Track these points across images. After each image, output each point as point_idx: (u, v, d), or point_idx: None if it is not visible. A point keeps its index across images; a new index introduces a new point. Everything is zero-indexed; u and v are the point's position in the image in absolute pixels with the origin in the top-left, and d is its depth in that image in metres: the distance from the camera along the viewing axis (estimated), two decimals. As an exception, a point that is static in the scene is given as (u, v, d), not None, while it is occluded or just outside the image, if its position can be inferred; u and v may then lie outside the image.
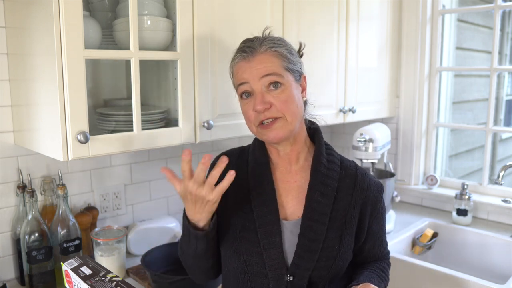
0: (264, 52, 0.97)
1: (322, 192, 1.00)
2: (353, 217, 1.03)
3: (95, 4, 1.33)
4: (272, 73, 0.96)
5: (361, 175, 1.06)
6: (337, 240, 0.99)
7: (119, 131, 1.20)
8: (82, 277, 0.87)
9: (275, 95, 0.96)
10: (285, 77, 0.97)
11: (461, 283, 1.52)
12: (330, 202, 1.00)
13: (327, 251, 0.98)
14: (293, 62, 1.00)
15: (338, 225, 1.00)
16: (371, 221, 1.07)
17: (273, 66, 0.96)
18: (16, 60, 1.28)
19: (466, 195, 1.99)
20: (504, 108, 3.09)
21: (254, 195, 1.02)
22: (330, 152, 1.07)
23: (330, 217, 1.00)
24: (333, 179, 1.02)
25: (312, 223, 0.98)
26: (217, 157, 1.02)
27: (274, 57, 0.97)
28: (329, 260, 0.99)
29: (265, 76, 0.96)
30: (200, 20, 1.31)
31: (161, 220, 1.68)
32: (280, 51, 0.98)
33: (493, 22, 2.04)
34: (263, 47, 0.97)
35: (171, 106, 1.36)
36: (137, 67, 1.19)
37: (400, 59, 2.25)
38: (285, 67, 0.98)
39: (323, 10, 1.75)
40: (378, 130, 1.99)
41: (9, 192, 1.36)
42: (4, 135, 1.33)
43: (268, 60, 0.96)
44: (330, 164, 1.04)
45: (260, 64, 0.96)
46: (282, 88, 0.97)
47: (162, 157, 1.73)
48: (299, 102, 1.00)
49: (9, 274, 1.39)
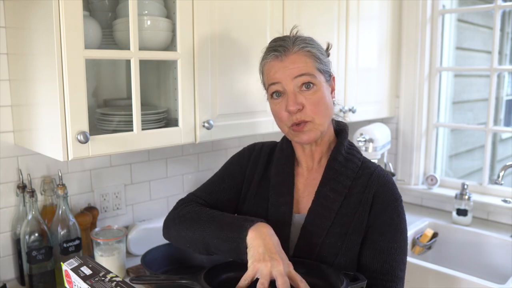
0: (297, 52, 0.96)
1: (333, 187, 1.00)
2: (363, 215, 0.99)
3: (95, 4, 1.33)
4: (306, 73, 0.95)
5: (377, 174, 1.02)
6: (341, 237, 0.98)
7: (119, 131, 1.20)
8: (82, 277, 0.87)
9: (307, 96, 0.96)
10: (318, 77, 0.97)
11: (461, 283, 1.52)
12: (340, 198, 0.99)
13: (329, 246, 0.97)
14: (324, 63, 1.00)
15: (345, 222, 0.98)
16: (372, 229, 0.99)
17: (307, 66, 0.96)
18: (16, 60, 1.27)
19: (466, 195, 1.99)
20: (504, 108, 3.08)
21: (273, 185, 1.04)
22: (352, 152, 1.05)
23: (338, 213, 0.98)
24: (346, 177, 1.01)
25: (316, 217, 0.98)
26: (252, 145, 1.11)
27: (307, 57, 0.97)
28: (330, 256, 0.97)
29: (299, 77, 0.95)
30: (200, 20, 1.31)
31: (161, 220, 1.65)
32: (313, 51, 0.98)
33: (493, 22, 2.04)
34: (296, 46, 0.96)
35: (171, 106, 1.36)
36: (137, 67, 1.19)
37: (400, 59, 2.25)
38: (318, 67, 0.98)
39: (323, 10, 1.75)
40: (378, 130, 2.00)
41: (9, 192, 1.36)
42: (4, 135, 1.33)
43: (302, 60, 0.96)
44: (348, 162, 1.03)
45: (293, 64, 0.96)
46: (314, 89, 0.97)
47: (162, 157, 1.73)
48: (329, 103, 1.01)
49: (9, 274, 1.39)
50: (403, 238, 0.99)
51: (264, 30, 1.50)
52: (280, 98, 0.98)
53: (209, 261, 1.36)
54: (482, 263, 1.91)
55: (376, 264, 0.97)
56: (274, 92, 0.99)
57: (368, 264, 0.98)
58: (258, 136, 1.57)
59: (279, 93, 0.98)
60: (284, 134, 1.04)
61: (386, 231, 0.98)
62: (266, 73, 1.00)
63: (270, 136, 2.08)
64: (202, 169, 1.87)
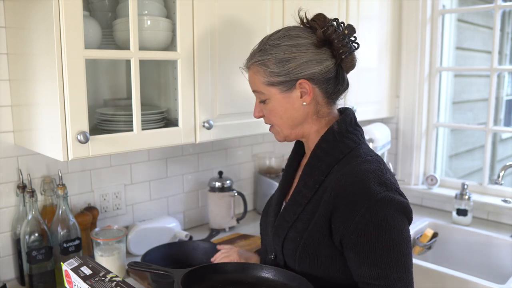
0: (251, 68, 1.05)
1: (306, 182, 1.03)
2: (323, 212, 0.95)
3: (95, 4, 1.33)
4: (255, 90, 1.06)
5: (348, 171, 0.95)
6: (301, 233, 1.00)
7: (119, 131, 1.20)
8: (82, 277, 0.87)
9: (262, 107, 1.07)
10: (267, 92, 1.03)
11: (461, 283, 1.52)
12: (310, 193, 1.01)
13: (290, 240, 1.02)
14: (278, 74, 0.99)
15: (308, 218, 0.99)
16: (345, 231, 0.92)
17: (256, 83, 1.04)
18: (16, 60, 1.28)
19: (466, 195, 1.99)
20: (504, 108, 3.08)
21: (281, 178, 1.17)
22: (337, 145, 1.00)
23: (305, 208, 1.01)
24: (320, 172, 0.99)
25: (287, 211, 1.05)
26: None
27: (256, 73, 1.03)
28: (291, 250, 1.02)
29: (254, 91, 1.07)
30: (200, 20, 1.31)
31: (161, 220, 1.67)
32: (264, 64, 1.00)
33: (493, 22, 2.04)
34: (252, 61, 1.05)
35: (171, 106, 1.36)
36: (137, 67, 1.19)
37: (400, 59, 2.25)
38: (267, 82, 1.02)
39: (323, 10, 1.74)
40: (378, 130, 2.00)
41: (9, 192, 1.36)
42: (4, 135, 1.33)
43: (252, 78, 1.05)
44: (327, 156, 1.00)
45: (250, 79, 1.07)
46: (267, 101, 1.04)
47: (162, 157, 1.73)
48: (285, 113, 1.03)
49: (9, 274, 1.39)
50: (390, 237, 0.90)
51: (264, 30, 1.50)
52: None
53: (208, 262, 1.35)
54: (482, 263, 1.91)
55: (363, 268, 0.91)
56: None
57: (357, 269, 0.93)
58: (258, 136, 1.57)
59: None
60: None
61: (364, 232, 0.90)
62: None
63: (270, 136, 2.08)
64: (202, 169, 1.87)
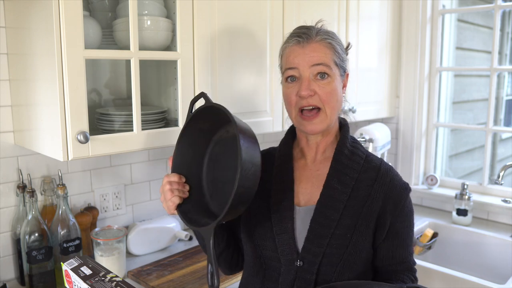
0: (319, 42, 0.99)
1: (340, 180, 1.01)
2: (372, 208, 1.00)
3: (95, 4, 1.33)
4: (323, 63, 0.99)
5: (385, 169, 1.05)
6: (351, 228, 0.98)
7: (119, 131, 1.20)
8: (82, 277, 0.87)
9: (320, 84, 0.99)
10: (333, 70, 1.00)
11: (461, 283, 1.52)
12: (348, 190, 1.00)
13: (338, 238, 0.98)
14: (342, 58, 1.03)
15: (354, 214, 0.99)
16: (393, 220, 1.02)
17: (325, 57, 0.99)
18: (16, 60, 1.28)
19: (466, 195, 1.99)
20: (504, 108, 3.08)
21: (274, 183, 1.06)
22: (355, 145, 1.07)
23: (346, 204, 1.00)
24: (353, 170, 1.03)
25: (326, 209, 1.00)
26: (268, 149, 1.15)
27: (327, 48, 1.00)
28: (340, 248, 0.98)
29: (316, 65, 0.98)
30: (200, 20, 1.31)
31: (161, 220, 1.67)
32: (334, 44, 1.01)
33: (493, 22, 2.04)
34: (319, 36, 1.00)
35: (171, 106, 1.36)
36: (137, 67, 1.19)
37: (400, 59, 2.25)
38: (335, 60, 1.01)
39: (323, 10, 1.75)
40: (378, 130, 2.00)
41: (9, 192, 1.36)
42: (4, 135, 1.33)
43: (322, 50, 0.99)
44: (353, 155, 1.05)
45: (314, 52, 0.99)
46: (328, 79, 0.99)
47: (162, 157, 1.73)
48: (340, 97, 1.03)
49: (9, 274, 1.39)
50: (413, 221, 1.07)
51: (264, 30, 1.50)
52: (293, 83, 1.01)
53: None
54: (482, 263, 1.91)
55: (400, 250, 1.04)
56: (289, 77, 1.02)
57: (390, 252, 1.04)
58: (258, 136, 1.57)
59: (294, 78, 1.01)
60: (291, 119, 1.07)
61: (404, 222, 1.04)
62: (286, 57, 1.03)
63: (270, 136, 2.08)
64: (202, 169, 1.87)
